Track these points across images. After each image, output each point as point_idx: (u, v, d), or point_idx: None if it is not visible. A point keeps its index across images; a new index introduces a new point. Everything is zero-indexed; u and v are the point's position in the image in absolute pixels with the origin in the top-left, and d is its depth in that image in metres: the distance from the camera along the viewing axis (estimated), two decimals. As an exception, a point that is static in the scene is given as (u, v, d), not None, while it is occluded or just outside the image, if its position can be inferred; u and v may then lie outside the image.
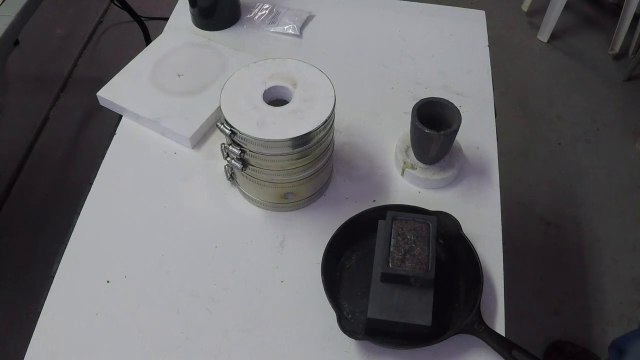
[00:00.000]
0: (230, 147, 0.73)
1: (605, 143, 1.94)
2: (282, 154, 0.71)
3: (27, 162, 1.90)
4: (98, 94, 0.92)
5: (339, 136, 0.89)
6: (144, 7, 2.10)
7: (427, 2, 1.13)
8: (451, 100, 0.79)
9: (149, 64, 0.95)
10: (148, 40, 1.95)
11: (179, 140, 0.88)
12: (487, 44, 1.05)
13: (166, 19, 1.08)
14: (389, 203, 0.80)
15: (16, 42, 2.14)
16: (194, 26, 1.06)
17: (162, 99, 0.90)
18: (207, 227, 0.79)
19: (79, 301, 0.72)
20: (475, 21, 1.10)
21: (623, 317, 1.54)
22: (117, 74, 0.94)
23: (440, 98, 0.80)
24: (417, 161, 0.83)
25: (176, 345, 0.69)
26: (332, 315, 0.67)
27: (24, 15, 1.21)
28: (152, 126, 0.89)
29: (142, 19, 2.00)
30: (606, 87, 2.14)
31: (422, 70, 1.00)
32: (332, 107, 0.72)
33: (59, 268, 0.75)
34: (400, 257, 0.67)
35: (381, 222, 0.73)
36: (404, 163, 0.83)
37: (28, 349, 0.68)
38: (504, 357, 0.65)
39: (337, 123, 0.84)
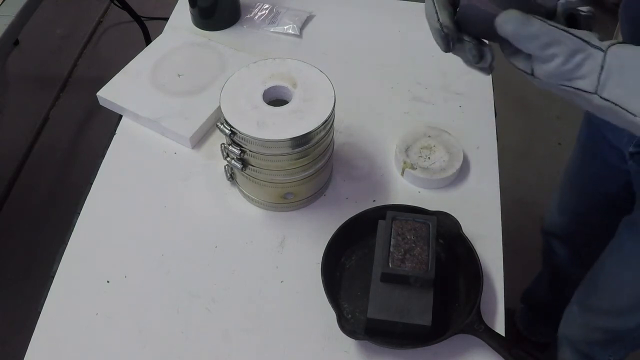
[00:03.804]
0: (230, 147, 0.73)
1: (605, 143, 1.93)
2: (282, 154, 0.71)
3: (27, 162, 1.90)
4: (98, 94, 0.92)
5: (339, 136, 0.89)
6: (144, 7, 2.10)
7: (426, 2, 1.13)
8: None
9: (149, 64, 0.95)
10: (148, 40, 1.95)
11: (179, 140, 0.88)
12: (488, 43, 1.05)
13: (166, 19, 1.08)
14: (389, 203, 0.80)
15: (16, 42, 2.14)
16: (194, 26, 1.06)
17: (162, 99, 0.90)
18: (207, 227, 0.79)
19: (79, 301, 0.72)
20: (475, 21, 1.10)
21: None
22: (117, 74, 0.94)
23: None
24: (417, 161, 0.83)
25: (176, 345, 0.69)
26: (332, 315, 0.67)
27: (24, 15, 1.22)
28: (152, 126, 0.89)
29: (142, 19, 2.00)
30: (606, 87, 2.14)
31: (422, 70, 1.00)
32: (332, 107, 0.72)
33: (59, 268, 0.75)
34: (400, 257, 0.67)
35: (381, 222, 0.72)
36: (404, 163, 0.83)
37: (28, 349, 0.68)
38: (504, 357, 0.65)
39: (337, 123, 0.84)
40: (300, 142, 0.70)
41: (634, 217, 0.89)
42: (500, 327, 0.70)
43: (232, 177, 0.82)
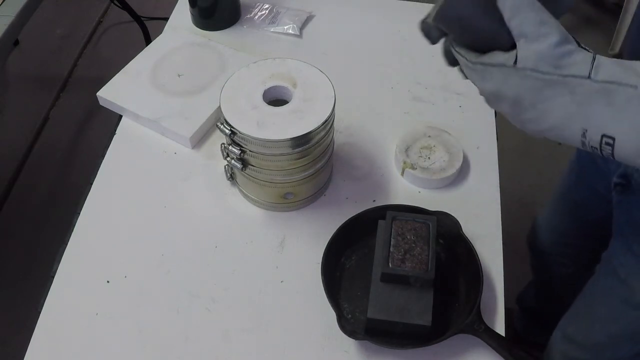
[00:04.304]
0: (230, 147, 0.73)
1: (605, 143, 1.93)
2: (282, 154, 0.71)
3: (27, 162, 1.90)
4: (98, 94, 0.92)
5: (339, 136, 0.89)
6: (144, 7, 2.10)
7: (427, 2, 1.13)
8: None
9: (149, 64, 0.95)
10: (148, 40, 1.95)
11: (179, 140, 0.88)
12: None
13: (166, 19, 1.08)
14: (389, 203, 0.80)
15: (16, 42, 2.14)
16: (194, 26, 1.06)
17: (162, 99, 0.90)
18: (207, 227, 0.79)
19: (79, 301, 0.72)
20: (475, 21, 1.10)
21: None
22: (117, 74, 0.94)
23: None
24: (417, 161, 0.83)
25: (176, 345, 0.69)
26: (332, 315, 0.67)
27: (24, 15, 1.22)
28: (152, 126, 0.89)
29: (142, 19, 2.00)
30: (606, 87, 2.14)
31: (422, 70, 1.00)
32: (332, 107, 0.72)
33: (59, 268, 0.75)
34: (400, 257, 0.67)
35: (381, 222, 0.72)
36: (404, 163, 0.83)
37: (28, 349, 0.68)
38: (504, 357, 0.65)
39: (337, 123, 0.84)
40: (300, 142, 0.70)
41: (609, 252, 0.88)
42: (500, 327, 0.70)
43: (232, 177, 0.82)
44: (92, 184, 0.83)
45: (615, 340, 0.92)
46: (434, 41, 0.56)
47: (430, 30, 0.55)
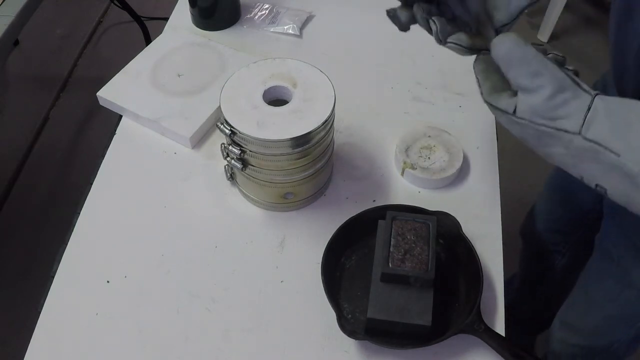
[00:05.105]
0: (230, 147, 0.73)
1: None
2: (282, 154, 0.71)
3: (27, 162, 1.90)
4: (98, 94, 0.92)
5: (339, 136, 0.89)
6: (144, 7, 2.11)
7: (427, 2, 1.13)
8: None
9: (149, 64, 0.95)
10: (148, 40, 1.95)
11: (179, 140, 0.88)
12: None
13: (166, 19, 1.08)
14: (389, 203, 0.80)
15: (16, 42, 2.14)
16: (194, 26, 1.06)
17: (162, 99, 0.90)
18: (207, 227, 0.79)
19: (79, 301, 0.72)
20: (475, 21, 1.10)
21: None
22: (117, 74, 0.94)
23: None
24: (417, 161, 0.83)
25: (176, 345, 0.69)
26: (332, 315, 0.67)
27: (24, 15, 1.22)
28: (152, 126, 0.89)
29: (142, 19, 2.00)
30: (606, 87, 2.14)
31: (422, 70, 1.00)
32: (332, 107, 0.72)
33: (59, 268, 0.75)
34: (400, 257, 0.67)
35: (381, 222, 0.72)
36: (404, 163, 0.83)
37: (28, 349, 0.68)
38: (504, 357, 0.65)
39: (337, 123, 0.84)
40: (300, 142, 0.70)
41: (601, 234, 0.89)
42: (500, 327, 0.70)
43: (232, 177, 0.82)
44: (92, 184, 0.83)
45: (611, 323, 0.93)
46: (402, 27, 0.58)
47: (397, 15, 0.57)
